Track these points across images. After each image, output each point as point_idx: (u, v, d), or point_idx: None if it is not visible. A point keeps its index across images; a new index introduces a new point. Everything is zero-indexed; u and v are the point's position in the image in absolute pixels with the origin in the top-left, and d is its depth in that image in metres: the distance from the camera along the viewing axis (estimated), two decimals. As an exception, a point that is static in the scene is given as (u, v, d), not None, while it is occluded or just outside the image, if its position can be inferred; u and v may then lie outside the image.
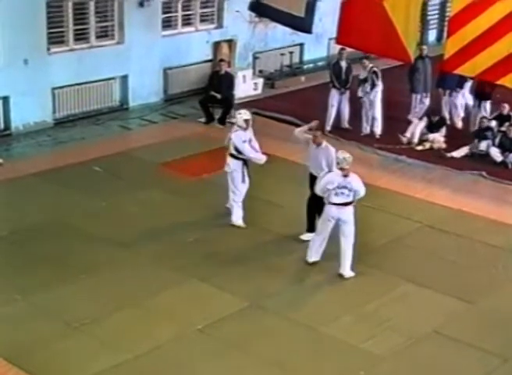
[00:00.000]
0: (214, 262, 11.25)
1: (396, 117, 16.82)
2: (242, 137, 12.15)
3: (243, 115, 12.33)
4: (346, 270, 10.96)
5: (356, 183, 10.76)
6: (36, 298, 10.21)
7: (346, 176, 10.70)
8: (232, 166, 12.21)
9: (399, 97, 17.65)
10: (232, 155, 12.20)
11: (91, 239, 11.73)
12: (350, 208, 10.84)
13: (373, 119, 16.43)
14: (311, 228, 11.66)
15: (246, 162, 12.25)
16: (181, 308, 10.15)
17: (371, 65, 16.37)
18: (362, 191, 10.87)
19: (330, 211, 10.81)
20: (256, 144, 12.38)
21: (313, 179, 11.69)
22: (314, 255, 11.14)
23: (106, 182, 13.81)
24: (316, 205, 11.47)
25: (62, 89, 16.46)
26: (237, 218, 12.31)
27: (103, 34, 17.16)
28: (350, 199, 10.78)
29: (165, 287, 10.53)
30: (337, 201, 10.74)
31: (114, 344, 9.36)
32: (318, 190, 10.96)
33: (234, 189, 12.28)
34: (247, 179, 12.28)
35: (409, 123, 16.61)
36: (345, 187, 10.70)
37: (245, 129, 12.20)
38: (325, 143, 11.80)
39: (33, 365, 8.92)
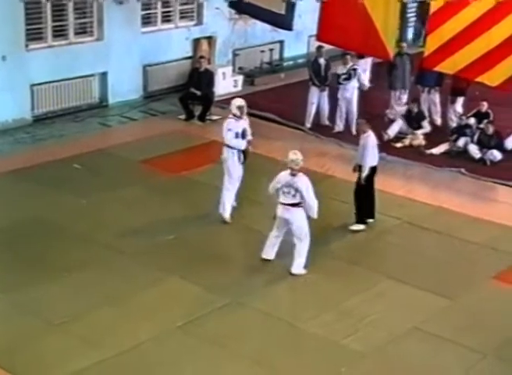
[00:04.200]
0: (194, 259, 11.24)
1: (373, 113, 16.87)
2: (229, 125, 12.11)
3: (237, 101, 12.23)
4: (296, 268, 10.90)
5: (301, 183, 10.69)
6: (17, 296, 10.15)
7: (293, 175, 10.73)
8: (225, 154, 12.20)
9: (377, 94, 17.73)
10: (225, 144, 12.22)
11: (72, 237, 11.69)
12: (297, 210, 10.80)
13: (349, 116, 16.46)
14: (361, 219, 12.36)
15: (241, 152, 12.17)
16: (162, 305, 10.14)
17: (351, 62, 16.42)
18: (309, 199, 10.68)
19: (278, 210, 10.88)
20: (249, 135, 12.31)
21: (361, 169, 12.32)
22: (267, 253, 11.16)
23: (86, 179, 13.75)
24: (364, 196, 12.28)
25: (40, 86, 16.36)
26: (225, 210, 12.22)
27: (82, 31, 17.08)
28: (296, 200, 10.75)
29: (145, 285, 10.52)
30: (284, 201, 10.80)
31: (95, 341, 9.34)
32: (269, 188, 11.03)
33: (228, 177, 12.22)
34: (241, 168, 12.24)
35: (388, 119, 16.72)
36: (291, 187, 10.72)
37: (239, 117, 12.12)
38: (368, 132, 12.28)
39: (13, 363, 8.88)
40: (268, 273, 11.03)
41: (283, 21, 16.61)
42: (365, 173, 12.30)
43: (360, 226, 12.37)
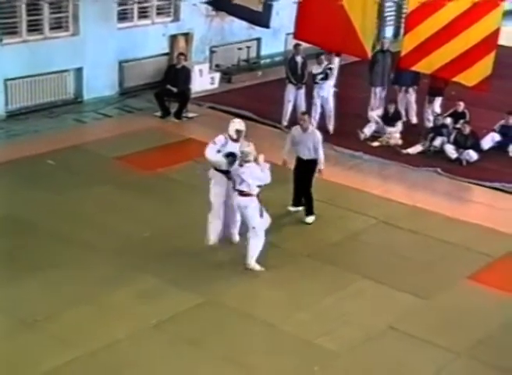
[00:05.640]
0: (169, 257, 11.24)
1: (350, 113, 16.99)
2: (219, 140, 11.21)
3: (237, 124, 11.24)
4: (250, 261, 11.04)
5: (248, 173, 10.81)
6: (-12, 294, 10.11)
7: (241, 166, 10.85)
8: (211, 173, 11.46)
9: (354, 93, 17.81)
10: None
11: (45, 235, 11.63)
12: (246, 199, 10.93)
13: (326, 115, 16.52)
14: (297, 203, 12.67)
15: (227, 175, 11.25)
16: (136, 304, 10.13)
17: (326, 62, 16.48)
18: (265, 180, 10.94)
19: (235, 198, 11.06)
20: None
21: (301, 162, 12.45)
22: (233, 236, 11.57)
23: (60, 176, 13.70)
24: (299, 184, 12.54)
25: (14, 81, 16.28)
26: (209, 237, 11.55)
27: (57, 26, 17.00)
28: (243, 188, 10.88)
29: (119, 283, 10.50)
30: (239, 188, 10.93)
31: (68, 340, 9.31)
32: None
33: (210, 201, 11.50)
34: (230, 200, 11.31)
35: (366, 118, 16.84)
36: (237, 176, 10.86)
37: (235, 140, 11.16)
38: (311, 127, 12.46)
39: (-16, 362, 8.86)
40: (244, 272, 11.04)
41: (260, 18, 16.65)
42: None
43: (312, 218, 12.53)
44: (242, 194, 10.93)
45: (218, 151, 11.20)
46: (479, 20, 14.49)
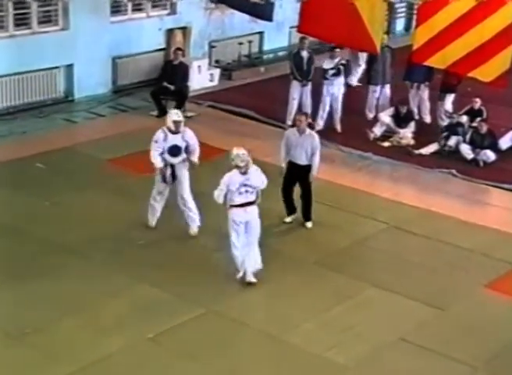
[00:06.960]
0: (166, 266, 11.27)
1: (358, 111, 17.03)
2: (158, 138, 11.84)
3: (173, 115, 11.84)
4: (252, 276, 10.90)
5: (255, 179, 10.75)
6: (-27, 305, 10.15)
7: (244, 173, 10.69)
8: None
9: (361, 89, 17.86)
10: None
11: (33, 242, 11.67)
12: (255, 209, 10.85)
13: (333, 114, 16.57)
14: (292, 211, 12.58)
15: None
16: (131, 315, 10.16)
17: (340, 57, 16.52)
18: (262, 185, 10.86)
19: (236, 214, 10.76)
20: (195, 151, 11.91)
21: (295, 168, 12.24)
22: (243, 270, 10.97)
23: (49, 180, 13.76)
24: (291, 191, 12.46)
25: (1, 78, 16.36)
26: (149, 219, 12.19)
27: (46, 20, 17.08)
28: (254, 197, 10.82)
29: (113, 293, 10.54)
30: (242, 201, 10.74)
31: (59, 355, 9.33)
32: (215, 195, 10.78)
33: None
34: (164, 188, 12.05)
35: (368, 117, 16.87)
36: (246, 185, 10.73)
37: (175, 133, 11.76)
38: (308, 130, 12.39)
39: (-31, 378, 8.90)
40: (246, 281, 11.07)
41: (263, 11, 16.70)
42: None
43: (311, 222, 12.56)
44: (251, 204, 10.78)
45: (162, 154, 11.81)
46: (496, 11, 14.53)
